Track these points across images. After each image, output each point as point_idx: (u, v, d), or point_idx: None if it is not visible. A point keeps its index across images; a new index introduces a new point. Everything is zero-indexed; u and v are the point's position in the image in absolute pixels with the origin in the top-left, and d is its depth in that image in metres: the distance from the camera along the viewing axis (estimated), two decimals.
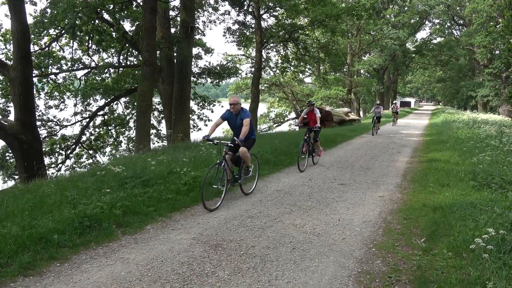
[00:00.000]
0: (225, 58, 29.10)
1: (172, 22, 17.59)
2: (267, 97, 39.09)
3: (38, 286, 3.32)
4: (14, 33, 11.64)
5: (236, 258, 3.94)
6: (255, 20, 20.87)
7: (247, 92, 31.31)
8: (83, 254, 3.96)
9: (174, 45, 14.54)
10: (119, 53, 18.67)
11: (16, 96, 11.80)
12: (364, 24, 31.85)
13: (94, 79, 18.60)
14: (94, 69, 18.27)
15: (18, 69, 11.55)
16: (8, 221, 4.33)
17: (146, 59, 11.52)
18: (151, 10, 11.52)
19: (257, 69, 21.60)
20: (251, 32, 22.78)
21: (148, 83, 11.64)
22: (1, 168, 15.78)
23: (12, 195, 5.49)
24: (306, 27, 22.84)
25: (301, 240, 4.45)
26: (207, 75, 19.38)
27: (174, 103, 14.44)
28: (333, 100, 32.96)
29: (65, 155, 17.81)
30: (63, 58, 17.81)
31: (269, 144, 10.58)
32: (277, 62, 27.35)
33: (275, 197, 6.31)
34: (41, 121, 16.94)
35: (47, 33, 16.23)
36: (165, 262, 3.83)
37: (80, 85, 18.08)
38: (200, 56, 19.63)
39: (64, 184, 5.77)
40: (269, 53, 27.05)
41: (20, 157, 11.72)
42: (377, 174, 8.50)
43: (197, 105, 20.88)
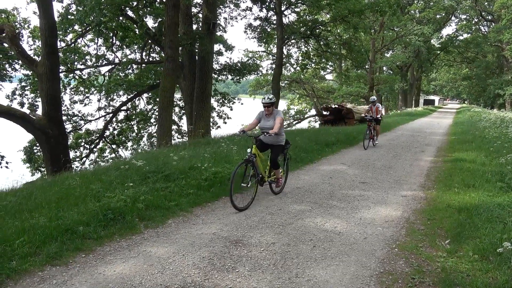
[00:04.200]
0: (245, 54, 29.12)
1: (194, 19, 17.70)
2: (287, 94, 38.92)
3: (65, 276, 3.42)
4: (42, 30, 11.97)
5: (257, 254, 3.95)
6: (277, 16, 20.72)
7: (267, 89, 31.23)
8: (107, 246, 4.05)
9: (196, 42, 14.63)
10: (142, 50, 18.98)
11: (43, 91, 12.16)
12: (387, 20, 31.18)
13: (117, 75, 18.99)
14: (118, 65, 18.63)
15: (46, 65, 11.88)
16: (37, 212, 4.47)
17: (168, 55, 11.64)
18: (173, 6, 11.62)
19: (278, 66, 21.47)
20: (272, 28, 22.66)
21: (170, 79, 11.76)
22: (29, 161, 16.31)
23: (40, 187, 5.66)
24: (328, 23, 22.54)
25: (321, 238, 4.42)
26: (228, 72, 19.42)
27: (195, 99, 14.56)
28: (355, 97, 32.49)
29: (89, 149, 18.26)
30: (88, 54, 18.25)
31: None
32: (298, 58, 27.15)
33: (295, 195, 6.29)
34: (66, 115, 17.40)
35: (73, 30, 16.63)
36: (186, 256, 3.87)
37: (104, 80, 18.46)
38: (221, 53, 19.67)
39: (89, 177, 5.91)
40: (290, 50, 26.86)
41: (47, 151, 12.09)
42: (399, 173, 8.34)
43: (217, 102, 20.96)
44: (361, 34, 26.75)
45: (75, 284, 3.29)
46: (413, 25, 34.97)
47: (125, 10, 15.14)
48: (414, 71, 47.64)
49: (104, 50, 18.46)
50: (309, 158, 9.44)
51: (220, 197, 5.89)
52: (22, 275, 3.35)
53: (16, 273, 3.35)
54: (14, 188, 6.12)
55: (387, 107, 50.95)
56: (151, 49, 19.45)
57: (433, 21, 42.46)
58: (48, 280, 3.33)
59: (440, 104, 74.02)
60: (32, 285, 3.24)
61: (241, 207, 5.37)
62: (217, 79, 19.75)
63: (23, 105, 16.15)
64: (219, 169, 6.64)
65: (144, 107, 20.57)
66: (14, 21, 15.72)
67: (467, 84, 53.18)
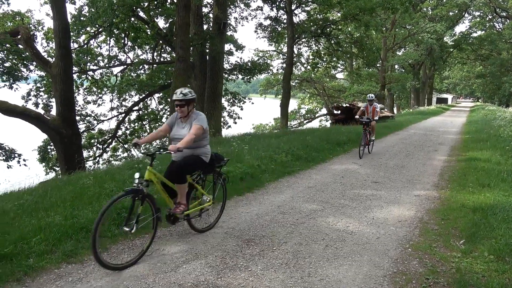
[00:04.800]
0: (256, 54, 29.13)
1: (205, 19, 17.79)
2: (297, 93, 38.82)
3: (80, 273, 3.47)
4: (56, 31, 12.17)
5: (269, 253, 3.96)
6: (287, 15, 20.68)
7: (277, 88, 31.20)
8: (121, 245, 4.10)
9: (206, 42, 14.70)
10: (153, 50, 19.14)
11: (57, 92, 12.36)
12: (399, 18, 30.84)
13: (129, 76, 19.18)
14: (130, 66, 18.83)
15: (60, 66, 12.08)
16: (52, 210, 4.55)
17: (179, 55, 11.71)
18: (184, 7, 11.67)
19: (288, 65, 21.44)
20: (283, 28, 22.63)
21: (181, 79, 11.82)
22: (43, 160, 16.60)
23: (55, 186, 5.76)
24: (339, 22, 22.41)
25: (334, 238, 4.40)
26: (238, 72, 19.46)
27: (206, 99, 14.63)
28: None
29: (102, 149, 18.50)
30: (100, 55, 18.49)
31: (300, 141, 10.52)
32: (309, 57, 27.05)
33: (306, 194, 6.27)
34: (80, 115, 17.65)
35: (86, 31, 16.85)
36: (199, 254, 3.90)
37: (116, 81, 18.67)
38: (231, 53, 19.73)
39: (103, 176, 5.99)
40: (300, 49, 26.81)
41: (61, 150, 12.29)
42: (412, 172, 8.25)
43: (228, 102, 21.01)
44: (372, 32, 26.51)
45: (91, 281, 3.34)
46: (425, 22, 34.48)
47: (137, 11, 15.28)
48: (426, 69, 47.02)
49: (116, 51, 18.71)
50: (320, 157, 9.40)
51: (232, 196, 5.91)
52: (39, 272, 3.42)
53: (33, 270, 3.42)
54: (30, 187, 6.24)
55: (399, 106, 50.38)
56: (162, 50, 19.61)
57: (446, 18, 41.82)
58: (64, 277, 3.39)
59: (453, 102, 72.91)
60: (49, 282, 3.30)
61: (117, 264, 3.57)
62: (228, 79, 19.81)
63: (37, 106, 16.45)
64: (230, 169, 6.66)
65: (156, 107, 20.74)
66: (28, 23, 16.02)
67: (481, 82, 52.26)
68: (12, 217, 4.33)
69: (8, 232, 3.86)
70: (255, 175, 7.00)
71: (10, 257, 3.49)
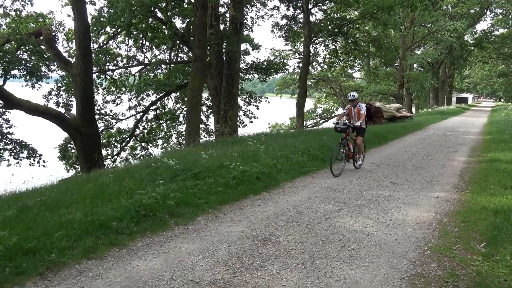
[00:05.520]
0: (272, 53, 29.11)
1: (222, 19, 17.87)
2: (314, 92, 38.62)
3: (100, 269, 3.55)
4: (76, 32, 12.45)
5: (285, 253, 3.96)
6: (304, 14, 20.59)
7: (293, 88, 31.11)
8: (139, 242, 4.17)
9: (223, 41, 14.77)
10: (171, 50, 19.34)
11: (77, 91, 12.65)
12: (418, 16, 30.29)
13: (147, 75, 19.44)
14: (147, 66, 19.09)
15: (80, 66, 12.36)
16: (73, 207, 4.66)
17: (196, 55, 11.80)
18: (202, 7, 11.76)
19: (305, 64, 21.34)
20: (299, 27, 22.54)
21: (198, 78, 11.93)
22: (63, 158, 17.00)
23: (76, 183, 5.90)
24: (356, 21, 22.18)
25: (351, 239, 4.37)
26: (255, 71, 19.49)
27: (223, 98, 14.70)
28: (384, 95, 31.79)
29: (121, 147, 18.82)
30: (119, 55, 18.80)
31: (316, 140, 10.46)
32: (325, 56, 26.86)
33: (323, 194, 6.24)
34: (99, 115, 18.00)
35: (105, 32, 17.16)
36: (215, 253, 3.93)
37: (135, 81, 18.96)
38: (247, 52, 19.77)
39: (122, 174, 6.09)
40: (317, 48, 26.65)
41: (81, 148, 12.57)
42: (431, 173, 8.10)
43: (244, 101, 21.07)
44: (390, 31, 26.16)
45: (110, 277, 3.41)
46: (445, 20, 33.74)
47: (155, 11, 15.47)
48: (446, 68, 46.03)
49: (134, 51, 18.98)
50: None
51: (248, 196, 5.93)
52: (60, 267, 3.51)
53: (55, 265, 3.51)
54: (52, 184, 6.40)
55: (417, 105, 49.50)
56: (180, 49, 19.80)
57: (466, 16, 40.82)
58: (84, 272, 3.47)
59: (474, 102, 71.20)
60: (70, 277, 3.38)
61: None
62: (244, 78, 19.85)
63: (58, 105, 16.84)
64: (246, 168, 6.69)
65: (173, 106, 20.97)
66: (50, 24, 16.41)
67: (504, 81, 50.89)
68: (35, 213, 4.46)
69: (32, 228, 3.98)
70: (271, 175, 7.00)
71: (33, 252, 3.59)
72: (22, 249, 3.58)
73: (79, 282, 3.30)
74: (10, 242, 3.58)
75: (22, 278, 3.26)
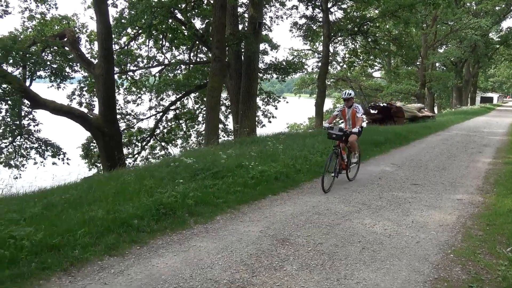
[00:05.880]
0: (291, 53, 28.99)
1: (240, 19, 17.92)
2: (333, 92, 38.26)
3: (121, 266, 3.62)
4: (99, 34, 12.73)
5: (304, 254, 3.93)
6: (323, 13, 20.42)
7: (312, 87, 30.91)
8: (160, 240, 4.23)
9: (242, 41, 14.81)
10: (190, 50, 19.52)
11: (100, 92, 12.93)
12: (441, 14, 29.59)
13: (167, 76, 19.69)
14: (167, 66, 19.33)
15: (102, 67, 12.63)
16: (95, 205, 4.77)
17: (215, 55, 11.87)
18: (220, 7, 11.81)
19: (324, 64, 21.16)
20: (318, 26, 22.37)
21: (217, 79, 11.99)
22: (86, 157, 17.40)
23: (98, 181, 6.03)
24: (377, 19, 21.85)
25: (371, 240, 4.30)
26: (273, 71, 19.45)
27: (241, 98, 14.73)
28: (405, 95, 31.20)
29: (141, 147, 19.13)
30: (139, 56, 19.10)
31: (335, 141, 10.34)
32: (345, 56, 26.58)
33: (342, 195, 6.17)
34: (120, 114, 18.33)
35: (126, 33, 17.48)
36: (234, 252, 3.95)
37: (155, 81, 19.23)
38: (266, 52, 19.76)
39: (142, 173, 6.19)
40: (336, 47, 26.39)
41: (103, 147, 12.85)
42: (454, 175, 7.90)
43: (262, 101, 21.06)
44: (412, 29, 25.64)
45: (131, 274, 3.47)
46: (469, 18, 32.83)
47: (174, 12, 15.64)
48: (470, 67, 44.74)
49: (154, 52, 19.25)
50: None
51: (267, 196, 5.93)
52: (84, 263, 3.59)
53: (79, 261, 3.60)
54: (75, 182, 6.57)
55: (439, 105, 48.36)
56: (199, 50, 19.95)
57: (491, 13, 39.58)
58: (106, 269, 3.54)
59: (499, 101, 68.96)
60: (93, 273, 3.46)
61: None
62: (262, 78, 19.85)
63: (81, 105, 17.25)
64: (265, 168, 6.69)
65: (192, 106, 21.16)
66: (74, 26, 16.83)
67: None
68: (59, 210, 4.58)
69: (56, 224, 4.09)
70: (290, 175, 6.97)
71: (58, 248, 3.69)
72: (47, 245, 3.68)
73: (101, 278, 3.37)
74: (36, 238, 3.69)
75: (47, 273, 3.36)
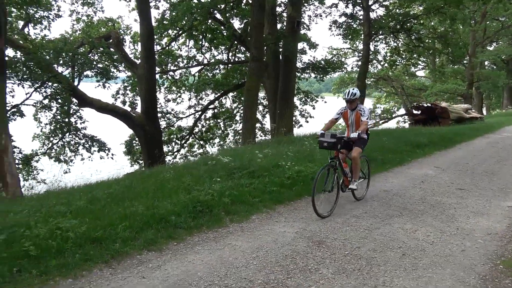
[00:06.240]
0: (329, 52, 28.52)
1: (278, 18, 17.86)
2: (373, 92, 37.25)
3: (159, 261, 3.70)
4: (141, 35, 13.21)
5: (341, 257, 3.84)
6: (363, 11, 19.93)
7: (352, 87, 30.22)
8: (196, 237, 4.29)
9: (280, 41, 14.76)
10: (228, 50, 19.76)
11: (142, 91, 13.41)
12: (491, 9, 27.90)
13: (206, 75, 20.05)
14: (206, 66, 19.68)
15: (145, 67, 13.09)
16: (136, 200, 4.92)
17: (253, 55, 11.93)
18: (259, 7, 11.85)
19: (364, 63, 20.64)
20: (359, 24, 21.86)
21: (255, 78, 12.04)
22: (129, 153, 18.10)
23: (139, 177, 6.23)
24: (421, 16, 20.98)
25: (412, 247, 4.12)
26: (311, 70, 19.24)
27: (279, 98, 14.67)
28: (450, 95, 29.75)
29: (180, 144, 19.61)
30: (180, 56, 19.59)
31: (375, 141, 10.04)
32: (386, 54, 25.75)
33: (382, 198, 5.97)
34: (161, 113, 18.89)
35: (167, 34, 17.98)
36: (269, 252, 3.92)
37: (194, 80, 19.63)
38: (304, 51, 19.57)
39: (181, 171, 6.32)
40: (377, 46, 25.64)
41: (144, 145, 13.31)
42: (505, 180, 7.41)
43: (300, 101, 20.87)
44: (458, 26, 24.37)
45: (168, 269, 3.54)
46: None
47: (213, 13, 15.88)
48: None
49: (194, 52, 19.66)
50: (398, 159, 8.89)
51: (303, 196, 5.85)
52: (123, 257, 3.72)
53: (119, 254, 3.73)
54: (118, 177, 6.83)
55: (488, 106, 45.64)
56: (237, 50, 20.14)
57: None
58: (145, 263, 3.64)
59: None
60: (132, 267, 3.57)
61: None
62: (300, 78, 19.68)
63: (125, 104, 17.94)
64: (302, 168, 6.60)
65: (230, 105, 21.39)
66: (118, 28, 17.56)
67: None
68: (102, 204, 4.77)
69: (99, 218, 4.26)
70: None
71: (100, 241, 3.85)
72: (90, 237, 3.85)
73: (139, 272, 3.47)
74: (80, 230, 3.87)
75: (90, 264, 3.50)
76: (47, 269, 3.33)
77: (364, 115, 5.50)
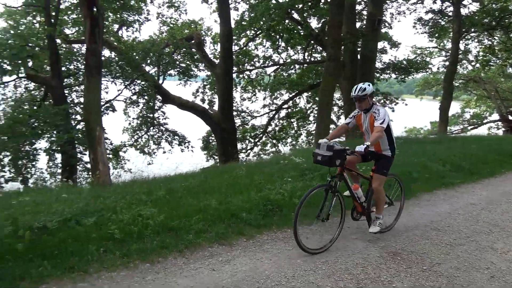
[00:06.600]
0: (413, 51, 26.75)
1: (358, 16, 17.23)
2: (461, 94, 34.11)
3: (229, 255, 3.80)
4: (221, 36, 13.71)
5: (418, 272, 3.57)
6: (453, 6, 18.32)
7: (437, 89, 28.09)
8: (265, 235, 4.31)
9: (359, 40, 14.24)
10: (305, 50, 19.59)
11: (220, 90, 13.93)
12: None
13: (281, 75, 20.13)
14: (282, 66, 19.76)
15: (223, 67, 13.57)
16: (210, 194, 5.12)
17: (330, 55, 11.65)
18: (338, 5, 11.51)
19: (452, 63, 18.99)
20: (447, 21, 20.18)
21: (331, 79, 11.76)
22: (205, 149, 18.94)
23: (214, 172, 6.47)
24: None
25: (503, 269, 3.68)
26: (392, 71, 18.26)
27: None
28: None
29: (254, 143, 19.98)
30: (256, 56, 19.94)
31: (461, 149, 9.20)
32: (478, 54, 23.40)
33: (468, 211, 5.43)
34: (236, 111, 19.41)
35: (246, 35, 18.40)
36: (339, 259, 3.80)
37: (269, 80, 19.84)
38: (385, 51, 18.63)
39: (253, 169, 6.43)
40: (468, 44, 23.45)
41: (220, 141, 13.83)
42: None
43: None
44: None
45: (237, 264, 3.61)
46: None
47: (291, 12, 15.85)
48: None
49: (270, 52, 19.85)
50: (488, 170, 8.02)
51: None
52: (196, 248, 3.88)
53: (192, 245, 3.90)
54: (194, 172, 7.17)
55: None
56: (313, 49, 19.88)
57: None
58: (215, 256, 3.76)
59: None
60: (203, 258, 3.71)
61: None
62: (379, 78, 18.80)
63: (203, 101, 18.78)
64: None
65: (304, 105, 21.23)
66: (200, 30, 18.43)
67: None
68: (179, 196, 5.04)
69: (176, 209, 4.51)
70: (406, 183, 6.39)
71: (175, 230, 4.07)
72: (167, 226, 4.09)
73: (210, 264, 3.59)
74: (159, 218, 4.14)
75: (165, 252, 3.72)
76: (129, 252, 3.61)
77: (379, 118, 4.08)
